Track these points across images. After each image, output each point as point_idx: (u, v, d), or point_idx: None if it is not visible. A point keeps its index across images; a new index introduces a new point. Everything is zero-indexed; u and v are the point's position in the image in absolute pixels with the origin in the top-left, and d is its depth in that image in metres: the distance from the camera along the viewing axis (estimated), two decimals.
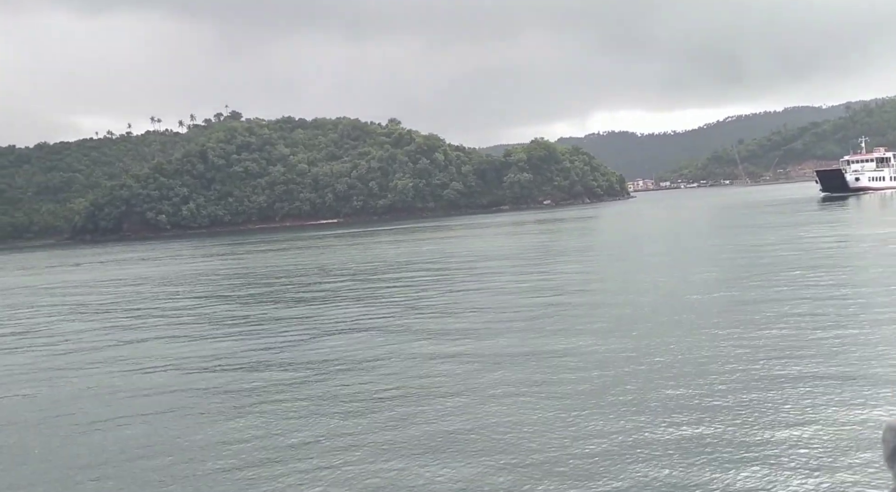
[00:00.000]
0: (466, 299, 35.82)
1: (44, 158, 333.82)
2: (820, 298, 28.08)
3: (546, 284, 39.71)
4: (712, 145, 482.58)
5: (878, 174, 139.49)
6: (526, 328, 26.76)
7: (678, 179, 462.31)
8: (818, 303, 26.96)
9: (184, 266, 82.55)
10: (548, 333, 25.43)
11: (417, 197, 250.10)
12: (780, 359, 19.40)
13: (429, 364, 22.42)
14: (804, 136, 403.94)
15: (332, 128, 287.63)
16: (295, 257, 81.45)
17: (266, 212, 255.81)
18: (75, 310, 45.48)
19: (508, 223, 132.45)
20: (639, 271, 42.79)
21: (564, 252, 62.25)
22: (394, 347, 25.41)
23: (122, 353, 28.63)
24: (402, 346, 25.49)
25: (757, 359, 19.60)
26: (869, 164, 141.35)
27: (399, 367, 22.35)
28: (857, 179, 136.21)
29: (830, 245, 48.39)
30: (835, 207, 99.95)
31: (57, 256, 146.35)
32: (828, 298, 27.97)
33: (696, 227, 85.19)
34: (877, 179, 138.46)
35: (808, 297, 28.48)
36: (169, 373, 24.24)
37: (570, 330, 25.61)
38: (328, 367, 23.16)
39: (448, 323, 29.44)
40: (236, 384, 21.91)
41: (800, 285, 31.63)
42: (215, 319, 36.70)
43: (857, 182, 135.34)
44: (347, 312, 34.81)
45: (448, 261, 60.20)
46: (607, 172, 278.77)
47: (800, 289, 30.62)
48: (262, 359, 25.40)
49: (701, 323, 25.08)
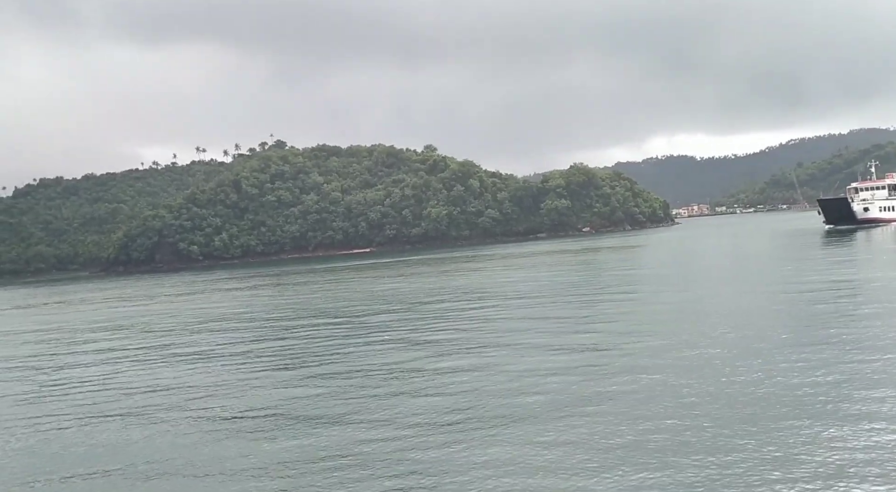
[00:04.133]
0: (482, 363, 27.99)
1: (90, 189, 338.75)
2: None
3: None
4: (773, 169, 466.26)
5: (891, 204, 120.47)
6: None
7: (734, 204, 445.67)
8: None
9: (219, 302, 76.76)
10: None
11: (452, 225, 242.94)
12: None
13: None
14: (866, 158, 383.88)
15: (366, 155, 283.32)
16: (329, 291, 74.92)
17: (299, 241, 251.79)
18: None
19: (543, 253, 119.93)
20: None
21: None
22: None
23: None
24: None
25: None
26: (880, 191, 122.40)
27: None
28: (865, 208, 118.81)
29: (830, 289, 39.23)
30: (838, 242, 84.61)
31: (67, 289, 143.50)
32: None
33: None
34: (889, 209, 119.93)
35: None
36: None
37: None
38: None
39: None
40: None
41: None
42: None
43: (866, 213, 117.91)
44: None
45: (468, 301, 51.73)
46: (650, 197, 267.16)
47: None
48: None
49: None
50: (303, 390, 24.91)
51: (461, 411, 20.21)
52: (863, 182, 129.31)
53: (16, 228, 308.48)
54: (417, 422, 19.51)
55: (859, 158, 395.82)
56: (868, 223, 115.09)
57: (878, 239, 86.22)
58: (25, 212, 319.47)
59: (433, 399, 21.89)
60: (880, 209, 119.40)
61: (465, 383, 23.59)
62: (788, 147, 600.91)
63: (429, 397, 22.28)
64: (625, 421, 17.89)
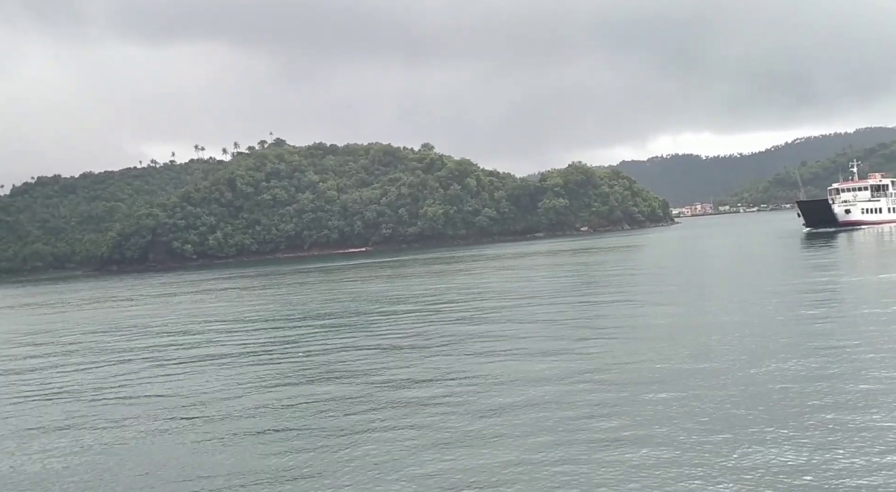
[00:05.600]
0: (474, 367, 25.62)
1: (88, 188, 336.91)
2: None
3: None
4: (779, 168, 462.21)
5: (874, 205, 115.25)
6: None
7: (738, 203, 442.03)
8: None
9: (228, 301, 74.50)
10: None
11: (448, 224, 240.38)
12: None
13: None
14: (871, 157, 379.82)
15: (363, 154, 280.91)
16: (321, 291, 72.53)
17: (294, 240, 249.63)
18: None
19: (543, 253, 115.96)
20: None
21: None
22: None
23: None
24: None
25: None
26: (862, 192, 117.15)
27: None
28: (847, 211, 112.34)
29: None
30: (818, 246, 79.44)
31: (45, 290, 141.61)
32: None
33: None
34: (872, 211, 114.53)
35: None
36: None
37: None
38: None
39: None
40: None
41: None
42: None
43: (848, 215, 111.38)
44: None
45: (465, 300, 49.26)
46: (649, 196, 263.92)
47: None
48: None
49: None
50: (298, 395, 23.65)
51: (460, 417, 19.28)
52: (844, 183, 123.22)
53: (13, 227, 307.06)
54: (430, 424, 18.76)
55: (864, 157, 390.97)
56: (849, 226, 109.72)
57: (860, 242, 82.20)
58: (23, 210, 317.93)
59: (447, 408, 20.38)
60: (862, 211, 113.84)
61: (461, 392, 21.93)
62: (794, 146, 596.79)
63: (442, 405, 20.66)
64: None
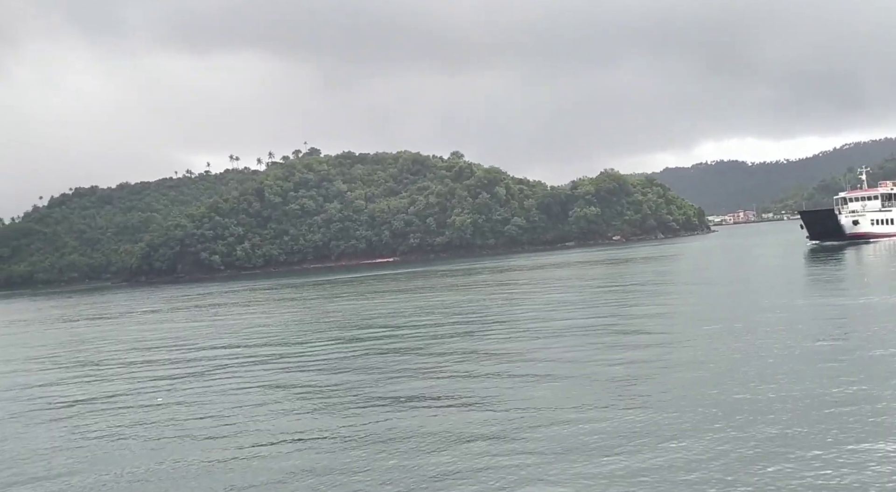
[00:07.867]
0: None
1: (124, 198, 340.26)
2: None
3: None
4: (827, 174, 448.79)
5: (885, 216, 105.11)
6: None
7: (782, 210, 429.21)
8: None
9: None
10: None
11: (477, 234, 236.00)
12: None
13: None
14: None
15: (392, 162, 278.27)
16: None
17: (321, 250, 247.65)
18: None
19: (573, 263, 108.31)
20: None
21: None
22: None
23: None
24: None
25: None
26: (872, 202, 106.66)
27: None
28: (855, 222, 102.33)
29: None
30: (825, 261, 70.76)
31: (66, 303, 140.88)
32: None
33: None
34: (882, 222, 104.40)
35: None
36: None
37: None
38: None
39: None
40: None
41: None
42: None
43: (856, 227, 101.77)
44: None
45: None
46: (684, 204, 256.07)
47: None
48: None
49: None
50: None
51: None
52: (852, 191, 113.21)
53: (50, 238, 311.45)
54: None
55: None
56: (858, 238, 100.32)
57: (870, 257, 73.40)
58: (60, 221, 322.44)
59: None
60: (872, 223, 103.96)
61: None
62: (843, 151, 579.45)
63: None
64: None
